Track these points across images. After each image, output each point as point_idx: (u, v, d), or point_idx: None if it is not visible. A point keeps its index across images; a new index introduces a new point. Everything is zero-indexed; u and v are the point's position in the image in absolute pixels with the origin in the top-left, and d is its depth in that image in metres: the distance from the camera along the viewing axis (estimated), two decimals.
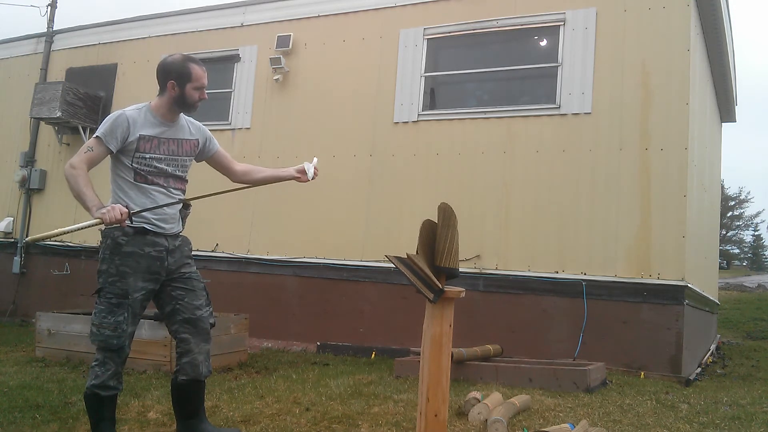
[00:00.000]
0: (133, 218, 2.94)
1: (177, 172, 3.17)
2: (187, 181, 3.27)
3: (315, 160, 3.40)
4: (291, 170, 3.39)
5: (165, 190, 3.11)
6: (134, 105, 3.14)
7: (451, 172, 6.91)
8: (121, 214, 2.82)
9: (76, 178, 2.89)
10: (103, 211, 2.80)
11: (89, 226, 2.85)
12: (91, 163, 2.97)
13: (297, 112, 7.88)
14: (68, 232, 2.84)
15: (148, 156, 3.05)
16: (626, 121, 6.23)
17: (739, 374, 6.96)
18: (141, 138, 3.03)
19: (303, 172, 3.37)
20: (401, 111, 7.27)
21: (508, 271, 6.49)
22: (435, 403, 2.68)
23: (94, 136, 3.01)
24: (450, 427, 3.50)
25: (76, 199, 2.93)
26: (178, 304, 3.10)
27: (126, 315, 2.95)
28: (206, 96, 3.18)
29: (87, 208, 2.88)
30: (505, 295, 6.48)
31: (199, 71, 3.12)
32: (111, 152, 3.00)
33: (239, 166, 3.45)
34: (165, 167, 3.11)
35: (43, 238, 2.87)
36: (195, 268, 3.24)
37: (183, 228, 3.25)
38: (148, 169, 3.06)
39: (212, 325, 3.21)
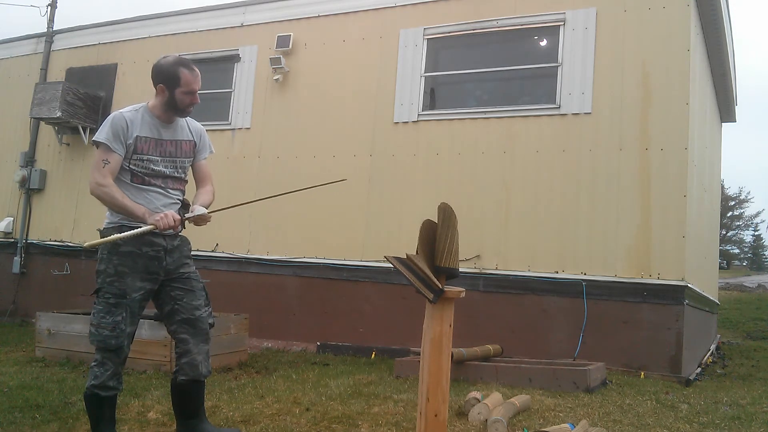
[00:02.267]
0: (185, 223, 3.01)
1: (175, 173, 3.16)
2: (186, 181, 3.26)
3: (204, 210, 3.14)
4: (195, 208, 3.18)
5: (163, 191, 3.10)
6: (131, 105, 3.12)
7: (451, 172, 6.91)
8: (174, 221, 2.92)
9: (110, 193, 2.93)
10: (157, 218, 2.90)
11: (144, 233, 2.93)
12: (113, 175, 2.98)
13: (297, 112, 7.88)
14: (124, 239, 2.92)
15: (145, 158, 3.04)
16: (626, 121, 6.23)
17: (739, 374, 6.96)
18: (138, 139, 3.02)
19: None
20: (401, 111, 7.27)
21: (508, 271, 6.49)
22: (435, 403, 2.68)
23: (98, 143, 2.98)
24: (450, 427, 3.50)
25: (119, 212, 2.97)
26: (177, 304, 3.09)
27: (124, 315, 2.94)
28: (198, 100, 3.12)
29: (136, 217, 2.94)
30: (505, 295, 6.47)
31: (188, 76, 3.05)
32: (119, 156, 2.99)
33: (204, 187, 3.31)
34: (162, 169, 3.10)
35: (100, 244, 2.92)
36: (194, 268, 3.24)
37: (182, 228, 3.24)
38: (145, 170, 3.04)
39: (211, 326, 3.20)
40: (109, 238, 2.89)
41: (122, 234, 2.92)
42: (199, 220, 3.12)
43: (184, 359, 3.09)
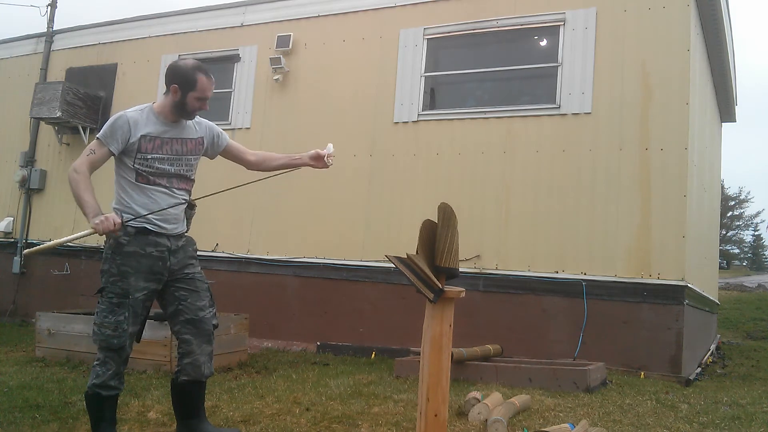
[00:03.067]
0: (128, 226, 2.97)
1: (181, 172, 3.16)
2: (193, 180, 3.25)
3: (330, 146, 3.32)
4: (305, 157, 3.31)
5: (167, 191, 3.09)
6: (137, 106, 3.13)
7: (451, 172, 6.91)
8: (114, 224, 2.85)
9: (78, 182, 2.91)
10: (97, 221, 2.84)
11: (83, 236, 2.91)
12: (93, 166, 2.98)
13: (297, 112, 7.88)
14: (63, 243, 2.92)
15: (150, 156, 3.04)
16: (626, 121, 6.23)
17: (739, 374, 6.96)
18: (142, 138, 3.02)
19: (317, 158, 3.29)
20: (401, 111, 7.27)
21: (508, 271, 6.49)
22: (435, 403, 2.68)
23: (96, 138, 3.02)
24: (450, 427, 3.50)
25: (76, 203, 2.95)
26: (181, 304, 3.10)
27: (127, 315, 2.94)
28: (207, 107, 3.16)
29: (84, 214, 2.91)
30: (505, 295, 6.47)
31: (205, 83, 3.08)
32: (113, 154, 3.01)
33: (253, 156, 3.42)
34: (168, 167, 3.10)
35: (40, 251, 2.91)
36: (199, 268, 3.24)
37: (188, 229, 3.24)
38: (149, 169, 3.04)
39: (215, 327, 3.20)
40: (47, 245, 2.91)
41: (61, 239, 2.94)
42: (330, 158, 3.29)
43: (187, 359, 3.10)
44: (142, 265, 2.99)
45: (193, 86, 3.05)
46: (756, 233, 52.86)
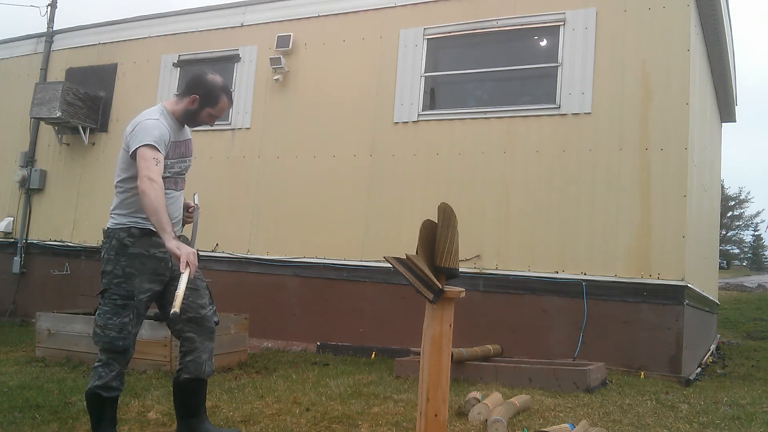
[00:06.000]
0: (133, 228, 2.99)
1: (183, 172, 3.21)
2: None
3: (196, 196, 3.32)
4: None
5: (174, 195, 3.11)
6: (153, 111, 3.07)
7: (451, 172, 6.91)
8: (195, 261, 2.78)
9: (160, 195, 2.80)
10: (188, 252, 2.73)
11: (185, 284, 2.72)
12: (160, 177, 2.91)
13: (297, 112, 7.88)
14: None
15: (169, 162, 3.06)
16: (626, 121, 6.23)
17: (739, 374, 6.96)
18: (171, 144, 3.05)
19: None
20: (401, 111, 7.27)
21: (508, 271, 6.49)
22: (435, 403, 2.68)
23: (147, 145, 2.87)
24: (450, 427, 3.50)
25: (151, 215, 2.79)
26: (183, 303, 3.10)
27: (132, 316, 2.95)
28: (214, 125, 3.24)
29: (162, 231, 2.77)
30: (505, 295, 6.47)
31: (225, 105, 3.16)
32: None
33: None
34: (178, 169, 3.14)
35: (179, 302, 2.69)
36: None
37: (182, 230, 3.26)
38: (167, 174, 3.05)
39: (216, 323, 3.22)
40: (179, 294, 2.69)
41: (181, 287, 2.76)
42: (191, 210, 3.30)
43: (189, 357, 3.11)
44: (146, 267, 2.99)
45: (213, 104, 3.11)
46: (756, 233, 52.91)
